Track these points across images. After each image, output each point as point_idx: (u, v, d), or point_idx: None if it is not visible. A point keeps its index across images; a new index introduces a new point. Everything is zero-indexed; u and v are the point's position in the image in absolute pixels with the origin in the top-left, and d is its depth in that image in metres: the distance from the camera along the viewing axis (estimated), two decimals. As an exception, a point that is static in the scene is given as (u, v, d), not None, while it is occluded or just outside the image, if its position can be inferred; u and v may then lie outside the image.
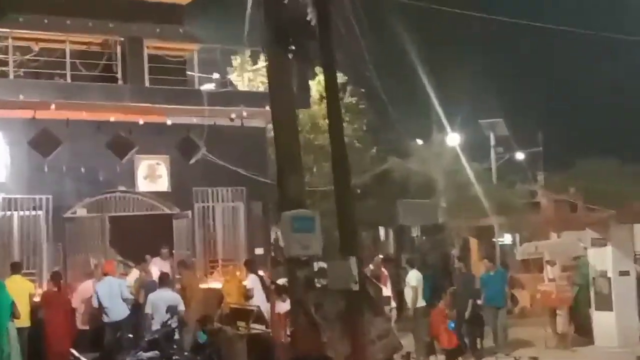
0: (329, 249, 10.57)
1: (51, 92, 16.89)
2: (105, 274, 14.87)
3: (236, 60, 24.69)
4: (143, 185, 18.09)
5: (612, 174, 28.64)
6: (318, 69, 22.68)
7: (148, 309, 13.37)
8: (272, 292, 14.15)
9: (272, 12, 10.00)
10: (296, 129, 10.65)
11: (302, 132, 19.72)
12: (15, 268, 14.79)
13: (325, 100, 23.09)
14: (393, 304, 15.70)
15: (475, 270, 18.99)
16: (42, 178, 16.87)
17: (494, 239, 25.89)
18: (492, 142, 29.02)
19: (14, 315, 13.60)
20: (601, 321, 15.85)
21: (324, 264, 10.03)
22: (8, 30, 16.81)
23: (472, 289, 15.84)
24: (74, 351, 11.29)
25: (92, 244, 17.05)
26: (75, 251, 16.96)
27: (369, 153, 27.03)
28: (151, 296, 13.62)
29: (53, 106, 16.72)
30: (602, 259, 16.01)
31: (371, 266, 16.49)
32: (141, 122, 17.76)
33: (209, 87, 19.64)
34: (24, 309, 13.99)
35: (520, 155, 33.43)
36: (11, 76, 16.79)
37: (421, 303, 15.47)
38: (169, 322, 11.77)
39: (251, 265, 16.93)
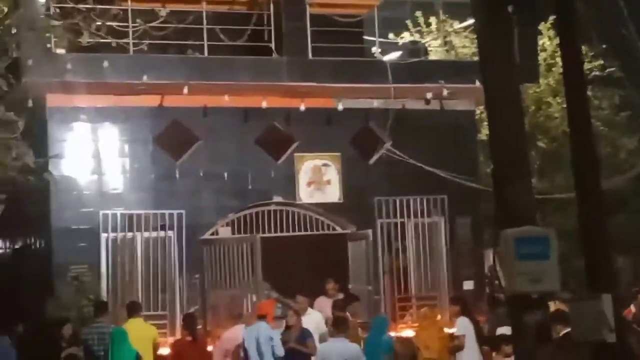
0: (570, 283, 10.33)
1: (183, 70, 17.40)
2: (260, 317, 15.01)
3: (432, 19, 24.59)
4: (306, 195, 18.53)
5: None
6: (545, 28, 22.59)
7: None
8: (489, 344, 13.91)
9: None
10: (520, 113, 10.47)
11: (526, 116, 19.39)
12: (133, 309, 15.39)
13: (553, 72, 23.15)
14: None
15: None
16: (172, 187, 17.59)
17: None
18: None
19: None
20: None
21: (563, 306, 9.84)
22: (125, -9, 17.45)
23: None
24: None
25: (239, 276, 17.43)
26: (217, 285, 17.53)
27: (626, 144, 26.14)
28: (322, 347, 13.82)
29: (186, 89, 17.24)
30: None
31: (632, 307, 15.97)
32: (303, 107, 18.14)
33: (394, 56, 19.75)
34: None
35: None
36: (131, 51, 17.32)
37: None
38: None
39: (459, 305, 16.82)
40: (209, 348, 15.79)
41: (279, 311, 16.23)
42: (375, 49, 19.78)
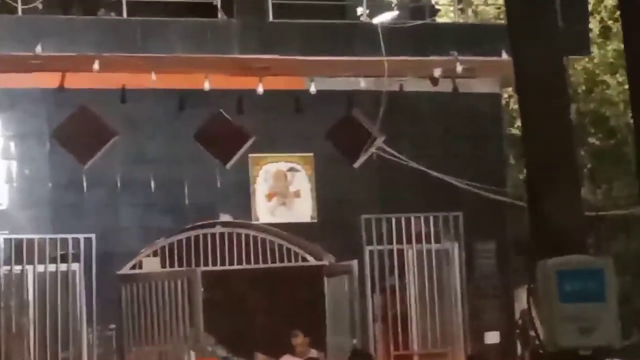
0: (634, 331, 10.34)
1: (93, 37, 17.42)
2: None
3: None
4: (266, 212, 18.61)
5: None
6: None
7: None
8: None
9: None
10: (565, 96, 10.54)
11: (574, 101, 19.44)
12: None
13: (607, 44, 23.13)
14: None
15: None
16: (77, 202, 17.67)
17: None
18: None
19: None
20: None
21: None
22: None
23: None
24: None
25: (172, 326, 17.39)
26: (141, 340, 17.46)
27: None
28: None
29: (97, 64, 17.27)
30: None
31: None
32: (261, 90, 18.24)
33: (388, 18, 19.73)
34: None
35: None
36: (19, 11, 17.28)
37: None
38: None
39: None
40: None
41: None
42: (361, 9, 19.72)
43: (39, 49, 16.73)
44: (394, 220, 18.47)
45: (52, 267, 17.13)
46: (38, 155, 17.63)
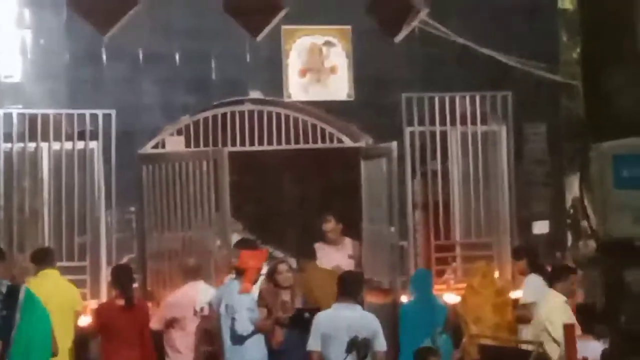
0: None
1: None
2: (239, 271, 14.88)
3: None
4: (299, 89, 18.54)
5: None
6: None
7: (313, 345, 13.57)
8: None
9: None
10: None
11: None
12: (44, 259, 15.36)
13: None
14: None
15: None
16: (96, 75, 17.59)
17: None
18: None
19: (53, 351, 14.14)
20: None
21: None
22: None
23: None
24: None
25: (196, 210, 17.32)
26: (163, 223, 17.42)
27: None
28: (322, 318, 13.69)
29: None
30: None
31: None
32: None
33: None
34: (64, 337, 14.54)
35: None
36: None
37: None
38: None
39: (528, 258, 16.69)
40: (150, 316, 15.71)
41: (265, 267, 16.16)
42: None
43: None
44: (437, 100, 18.36)
45: (68, 145, 17.02)
46: (54, 24, 17.52)
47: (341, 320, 13.44)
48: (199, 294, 15.21)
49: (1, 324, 14.45)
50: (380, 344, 13.33)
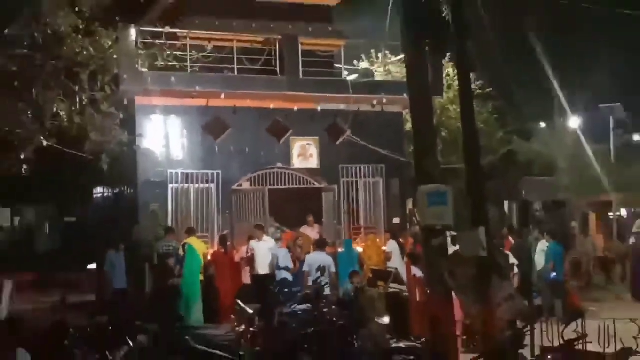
0: (461, 222, 10.28)
1: (221, 84, 17.27)
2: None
3: (378, 54, 24.49)
4: (297, 162, 18.27)
5: None
6: (445, 61, 22.41)
7: (305, 268, 13.69)
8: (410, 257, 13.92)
9: (411, 9, 9.85)
10: (432, 114, 10.43)
11: (435, 116, 19.32)
12: (190, 232, 15.52)
13: (451, 89, 23.05)
14: (516, 270, 15.26)
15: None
16: (213, 156, 17.39)
17: (611, 214, 24.63)
18: (612, 125, 27.82)
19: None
20: None
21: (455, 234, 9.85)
22: (186, 31, 17.23)
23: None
24: (239, 302, 11.46)
25: (254, 213, 17.45)
26: (240, 218, 17.45)
27: (495, 136, 26.23)
28: (308, 257, 13.90)
29: (223, 96, 17.19)
30: None
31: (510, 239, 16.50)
32: (296, 109, 17.97)
33: (353, 77, 19.65)
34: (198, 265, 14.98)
35: (638, 137, 31.68)
36: (189, 70, 17.24)
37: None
38: (319, 280, 11.82)
39: (390, 233, 17.03)
40: (234, 257, 15.87)
41: (278, 233, 16.35)
42: (343, 73, 19.60)
43: (197, 88, 16.80)
44: (353, 168, 18.46)
45: (202, 186, 17.07)
46: (196, 135, 17.38)
47: (315, 259, 13.67)
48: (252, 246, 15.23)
49: (176, 260, 14.85)
50: (332, 269, 13.53)
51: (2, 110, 13.51)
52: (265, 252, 14.97)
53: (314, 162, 18.39)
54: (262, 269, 14.90)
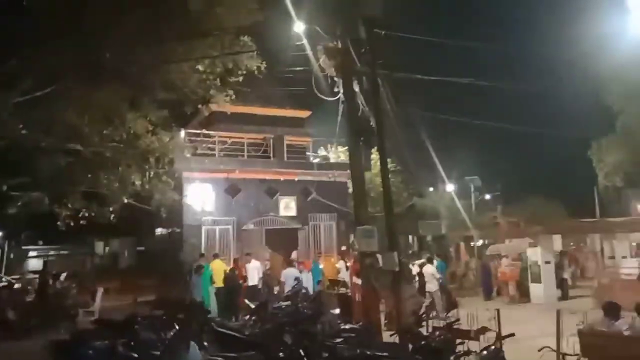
0: (382, 248, 10.22)
1: (236, 164, 17.20)
2: (296, 264, 14.18)
3: (331, 146, 24.68)
4: (282, 212, 18.00)
5: (540, 206, 27.54)
6: (373, 150, 22.60)
7: (282, 278, 13.33)
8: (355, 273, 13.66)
9: (352, 120, 10.03)
10: (364, 182, 10.47)
11: (366, 184, 19.37)
12: (216, 256, 14.99)
13: (375, 167, 23.12)
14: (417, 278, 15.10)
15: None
16: (231, 208, 17.09)
17: (472, 243, 24.92)
18: (472, 189, 28.51)
19: (212, 281, 13.80)
20: (534, 289, 15.45)
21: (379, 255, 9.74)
22: (215, 132, 17.39)
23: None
24: (246, 300, 11.27)
25: (256, 244, 17.14)
26: (248, 247, 16.96)
27: (402, 195, 26.41)
28: (284, 272, 13.55)
29: (237, 171, 17.10)
30: (535, 254, 15.69)
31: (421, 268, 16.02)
32: (282, 179, 17.89)
33: (317, 160, 19.73)
34: (220, 278, 14.13)
35: (487, 196, 32.36)
36: (216, 156, 17.16)
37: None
38: (295, 286, 11.64)
39: (340, 255, 16.79)
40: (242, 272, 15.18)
41: (267, 256, 15.78)
42: (311, 157, 19.65)
43: (221, 166, 16.70)
44: (318, 215, 18.28)
45: (224, 227, 16.74)
46: (221, 195, 16.94)
47: (290, 272, 13.20)
48: (255, 266, 14.56)
49: (199, 274, 13.88)
50: (301, 279, 12.97)
51: (99, 182, 13.21)
52: (252, 270, 14.44)
53: (293, 212, 18.13)
54: (252, 280, 14.35)
